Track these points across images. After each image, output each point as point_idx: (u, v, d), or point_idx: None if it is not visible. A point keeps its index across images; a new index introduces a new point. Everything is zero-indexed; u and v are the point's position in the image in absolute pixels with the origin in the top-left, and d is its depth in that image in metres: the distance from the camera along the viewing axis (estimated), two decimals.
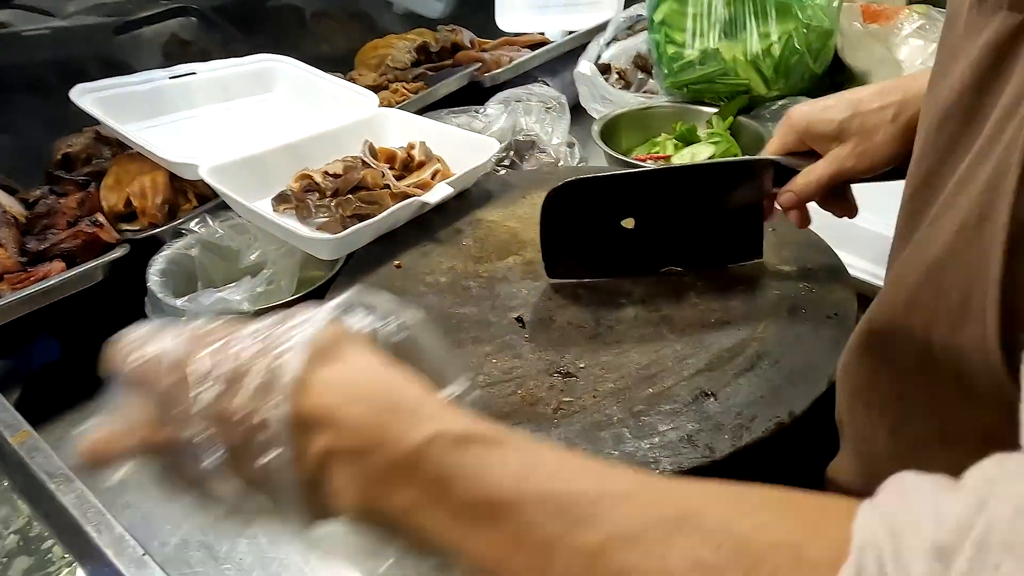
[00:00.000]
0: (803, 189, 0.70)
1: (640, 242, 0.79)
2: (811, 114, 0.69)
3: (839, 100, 0.68)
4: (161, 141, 0.99)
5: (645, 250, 0.79)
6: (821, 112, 0.68)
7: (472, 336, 0.75)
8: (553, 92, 1.24)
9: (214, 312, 0.79)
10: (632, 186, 0.77)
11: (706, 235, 0.78)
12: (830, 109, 0.68)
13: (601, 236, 0.79)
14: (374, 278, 0.84)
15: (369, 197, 0.90)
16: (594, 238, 0.79)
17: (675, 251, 0.80)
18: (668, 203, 0.76)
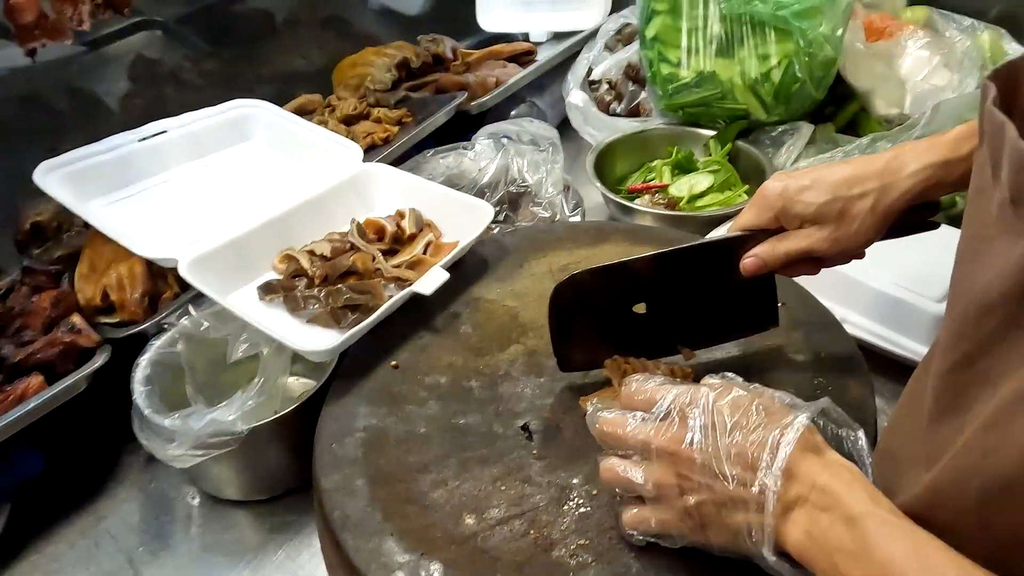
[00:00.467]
0: (769, 258, 0.70)
1: (653, 325, 0.76)
2: (788, 194, 0.68)
3: (816, 181, 0.68)
4: (135, 224, 0.94)
5: (659, 333, 0.76)
6: (799, 193, 0.68)
7: (478, 455, 0.72)
8: (545, 128, 1.18)
9: (206, 434, 0.75)
10: (638, 271, 0.73)
11: (718, 310, 0.76)
12: (808, 191, 0.67)
13: (612, 324, 0.75)
14: (372, 383, 0.80)
15: (361, 286, 0.86)
16: (605, 326, 0.75)
17: (689, 329, 0.77)
18: (677, 282, 0.74)
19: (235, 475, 0.83)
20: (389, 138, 1.28)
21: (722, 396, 0.53)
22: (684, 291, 0.74)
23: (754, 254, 0.70)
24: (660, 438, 0.53)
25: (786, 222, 0.69)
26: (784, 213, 0.69)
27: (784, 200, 0.68)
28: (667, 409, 0.54)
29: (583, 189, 1.24)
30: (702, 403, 0.53)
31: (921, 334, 0.91)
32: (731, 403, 0.52)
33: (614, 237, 1.00)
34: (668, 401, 0.54)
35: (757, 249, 0.70)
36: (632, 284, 0.73)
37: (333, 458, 0.72)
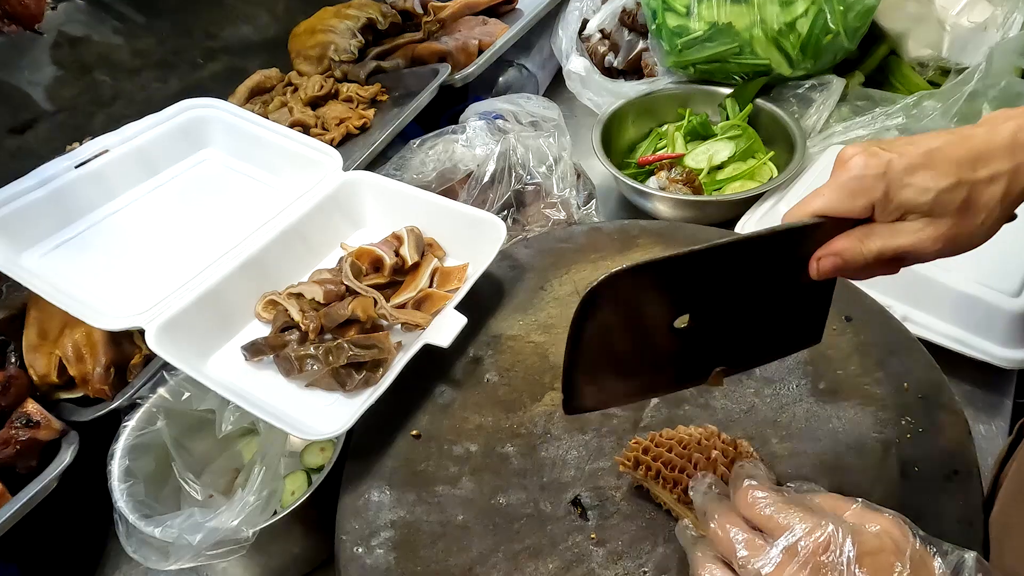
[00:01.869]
0: (855, 258, 0.51)
1: (691, 343, 0.57)
2: (893, 174, 0.49)
3: (933, 158, 0.49)
4: (83, 279, 0.79)
5: (695, 352, 0.58)
6: (909, 174, 0.49)
7: (529, 546, 0.62)
8: (544, 106, 1.04)
9: (209, 544, 0.64)
10: (690, 269, 0.53)
11: (763, 321, 0.58)
12: (922, 172, 0.49)
13: (646, 344, 0.56)
14: (392, 460, 0.69)
15: (366, 340, 0.73)
16: (637, 348, 0.56)
17: (729, 346, 0.59)
18: (729, 284, 0.55)
19: (244, 571, 0.73)
20: (366, 125, 1.13)
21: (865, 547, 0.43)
22: (734, 296, 0.56)
23: (835, 252, 0.52)
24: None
25: (882, 212, 0.50)
26: (884, 200, 0.50)
27: (887, 182, 0.49)
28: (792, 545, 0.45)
29: (585, 161, 1.11)
30: (842, 555, 0.42)
31: (995, 333, 0.81)
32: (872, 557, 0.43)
33: (641, 241, 0.88)
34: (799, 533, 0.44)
35: (839, 245, 0.51)
36: (679, 288, 0.54)
37: (361, 569, 0.61)
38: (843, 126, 1.03)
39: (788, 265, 0.54)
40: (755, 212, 0.99)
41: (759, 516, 0.47)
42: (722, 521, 0.49)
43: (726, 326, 0.57)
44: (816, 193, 0.52)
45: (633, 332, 0.55)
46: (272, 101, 1.24)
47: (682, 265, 0.52)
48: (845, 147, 0.52)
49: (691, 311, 0.55)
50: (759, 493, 0.48)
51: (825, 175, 0.99)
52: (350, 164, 1.00)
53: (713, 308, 0.55)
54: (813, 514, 0.45)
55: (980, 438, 0.80)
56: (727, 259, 0.53)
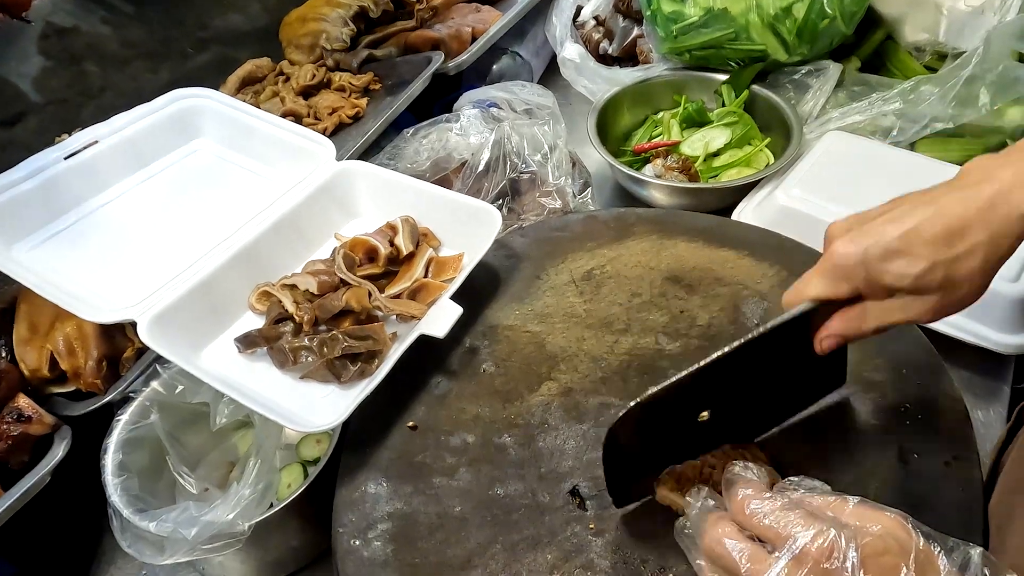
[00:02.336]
0: (854, 335, 0.56)
1: (715, 425, 0.61)
2: (871, 262, 0.51)
3: (907, 242, 0.50)
4: (74, 272, 0.78)
5: (721, 430, 0.62)
6: (885, 261, 0.51)
7: (527, 536, 0.62)
8: (539, 93, 1.03)
9: (204, 538, 0.63)
10: (701, 382, 0.57)
11: (785, 389, 0.63)
12: (898, 258, 0.50)
13: (673, 442, 0.60)
14: (388, 451, 0.68)
15: (360, 331, 0.73)
16: (665, 447, 0.61)
17: (755, 418, 0.64)
18: (742, 377, 0.59)
19: (241, 564, 0.72)
20: (359, 114, 1.11)
21: (872, 553, 0.42)
22: (751, 384, 0.60)
23: (836, 333, 0.56)
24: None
25: (869, 293, 0.54)
26: (868, 284, 0.53)
27: (867, 270, 0.52)
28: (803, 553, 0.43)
29: (581, 149, 1.10)
30: (852, 558, 0.42)
31: (993, 319, 0.81)
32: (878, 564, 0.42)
33: (638, 229, 0.87)
34: (802, 542, 0.43)
35: (838, 328, 0.56)
36: (694, 395, 0.58)
37: (358, 562, 0.61)
38: (840, 112, 1.03)
39: (795, 346, 0.58)
40: (752, 199, 0.99)
41: (758, 526, 0.46)
42: (720, 534, 0.48)
43: (747, 407, 0.61)
44: (808, 277, 0.56)
45: (657, 442, 0.59)
46: (264, 91, 1.23)
47: (694, 381, 0.56)
48: (831, 224, 0.55)
49: (711, 408, 0.59)
50: (755, 503, 0.47)
51: (822, 162, 0.99)
52: (343, 154, 0.99)
53: (732, 399, 0.59)
54: (814, 519, 0.44)
55: (978, 424, 0.79)
56: (737, 361, 0.56)
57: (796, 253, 0.82)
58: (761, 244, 0.84)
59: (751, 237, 0.85)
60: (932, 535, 0.44)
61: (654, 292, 0.80)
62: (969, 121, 0.98)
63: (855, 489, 0.60)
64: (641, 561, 0.59)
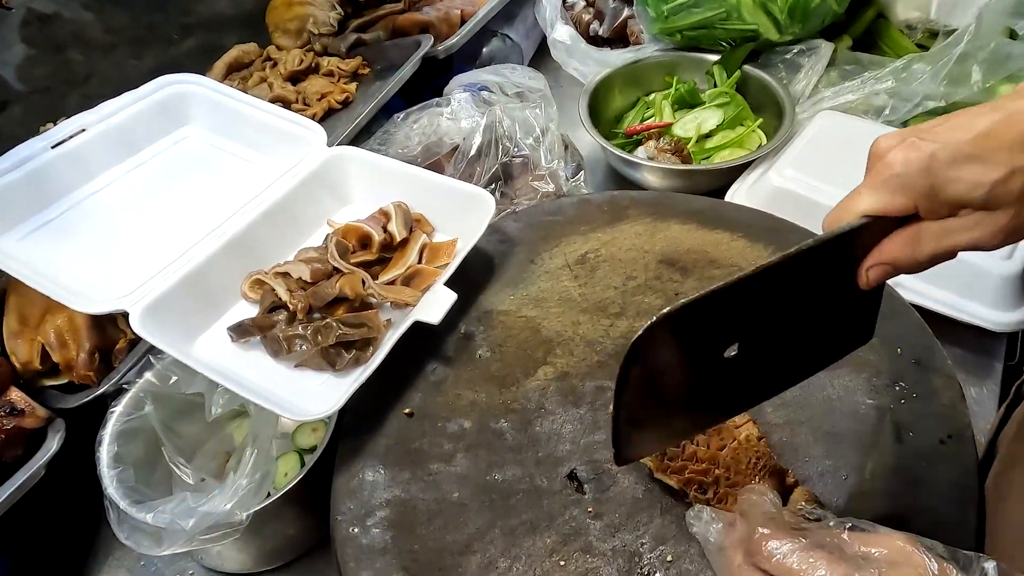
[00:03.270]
0: (908, 264, 0.47)
1: (740, 372, 0.53)
2: (937, 168, 0.44)
3: (982, 146, 0.43)
4: (63, 262, 0.77)
5: (746, 377, 0.54)
6: (955, 166, 0.43)
7: (525, 520, 0.62)
8: (530, 76, 1.02)
9: (202, 528, 0.63)
10: (735, 299, 0.49)
11: (814, 331, 0.54)
12: (971, 163, 0.43)
13: (695, 380, 0.52)
14: (385, 439, 0.68)
15: (355, 318, 0.72)
16: (686, 387, 0.52)
17: (781, 366, 0.56)
18: (777, 305, 0.51)
19: (239, 553, 0.72)
20: (348, 99, 1.10)
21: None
22: (783, 315, 0.52)
23: (885, 261, 0.47)
24: None
25: (930, 209, 0.45)
26: (931, 197, 0.44)
27: (932, 178, 0.44)
28: None
29: (572, 132, 1.09)
30: None
31: (986, 296, 0.81)
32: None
33: (632, 212, 0.87)
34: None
35: (889, 253, 0.47)
36: (726, 319, 0.50)
37: (357, 549, 0.61)
38: (832, 91, 1.02)
39: (836, 273, 0.50)
40: (745, 180, 0.98)
41: (778, 568, 0.44)
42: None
43: (776, 346, 0.53)
44: (856, 192, 0.48)
45: (681, 374, 0.51)
46: (251, 77, 1.22)
47: (727, 296, 0.48)
48: (879, 138, 0.47)
49: (740, 339, 0.51)
50: (774, 543, 0.45)
51: (814, 142, 0.99)
52: (334, 139, 0.98)
53: (762, 331, 0.52)
54: (836, 562, 0.42)
55: (972, 401, 0.80)
56: (774, 280, 0.49)
57: (790, 234, 0.82)
58: (755, 225, 0.84)
59: (745, 218, 0.85)
60: (944, 554, 0.42)
61: (648, 275, 0.80)
62: (961, 99, 0.97)
63: (852, 469, 0.62)
64: (639, 543, 0.60)
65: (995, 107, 0.44)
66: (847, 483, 0.61)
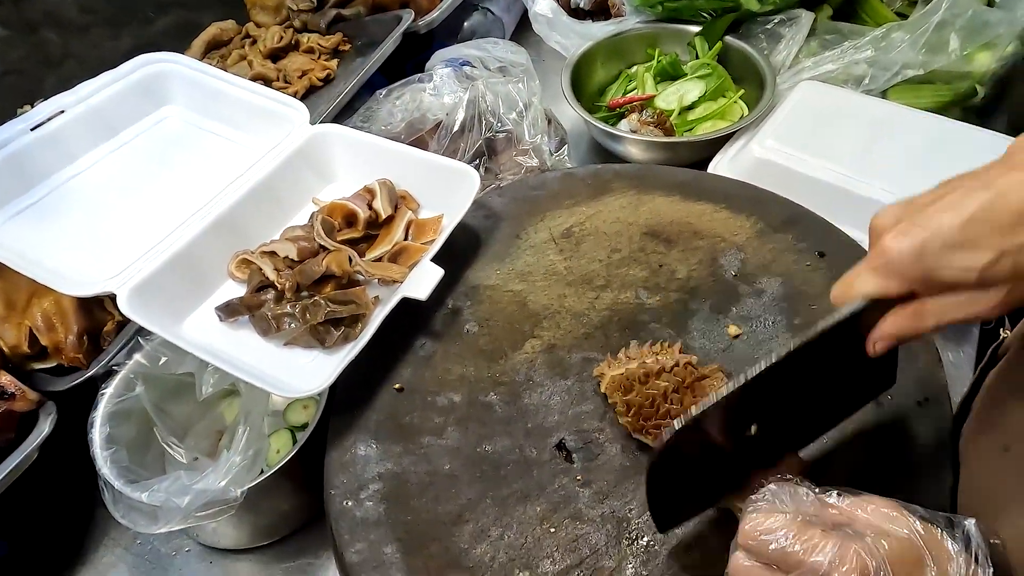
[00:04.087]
0: (911, 336, 0.49)
1: (762, 439, 0.56)
2: (929, 257, 0.45)
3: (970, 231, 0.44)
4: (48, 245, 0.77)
5: (768, 444, 0.57)
6: (946, 255, 0.45)
7: (516, 490, 0.63)
8: (512, 50, 1.02)
9: (197, 506, 0.64)
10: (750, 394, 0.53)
11: (833, 395, 0.58)
12: (961, 249, 0.44)
13: (719, 461, 0.56)
14: (376, 414, 0.69)
15: (343, 295, 0.73)
16: (712, 467, 0.56)
17: (802, 428, 0.59)
18: (792, 385, 0.55)
19: (234, 529, 0.73)
20: (330, 76, 1.10)
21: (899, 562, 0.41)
22: (801, 393, 0.56)
23: (890, 335, 0.50)
24: None
25: (926, 290, 0.48)
26: (926, 281, 0.47)
27: (924, 265, 0.46)
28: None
29: (555, 106, 1.09)
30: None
31: None
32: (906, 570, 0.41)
33: (616, 185, 0.87)
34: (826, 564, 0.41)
35: (892, 328, 0.49)
36: (745, 410, 0.54)
37: (351, 522, 0.62)
38: (812, 61, 1.03)
39: (847, 348, 0.53)
40: (727, 152, 0.99)
41: (771, 554, 0.44)
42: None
43: (797, 416, 0.57)
44: (857, 272, 0.50)
45: (705, 461, 0.55)
46: (230, 55, 1.20)
47: (745, 393, 0.51)
48: (877, 215, 0.49)
49: (759, 420, 0.54)
50: (766, 528, 0.44)
51: (795, 112, 1.00)
52: (316, 117, 0.98)
53: (782, 409, 0.55)
54: (828, 536, 0.42)
55: (949, 365, 0.82)
56: (789, 367, 0.51)
57: (772, 204, 0.83)
58: (737, 196, 0.85)
59: (727, 189, 0.86)
60: (926, 516, 0.43)
61: (633, 247, 0.81)
62: (939, 67, 0.98)
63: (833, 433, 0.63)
64: (627, 509, 0.61)
65: (986, 183, 0.45)
66: (828, 447, 0.63)
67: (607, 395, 0.66)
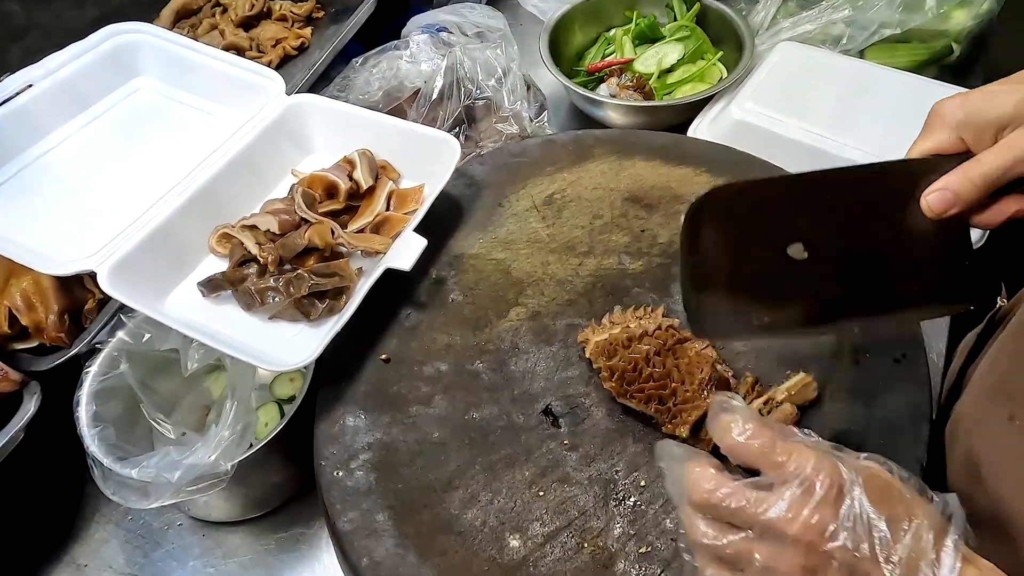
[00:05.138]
0: (961, 188, 0.50)
1: (811, 278, 0.54)
2: (970, 103, 0.51)
3: (1005, 83, 0.51)
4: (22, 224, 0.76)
5: (819, 290, 0.55)
6: (984, 99, 0.51)
7: (504, 455, 0.64)
8: (489, 15, 1.00)
9: (188, 480, 0.64)
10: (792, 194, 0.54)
11: (899, 268, 0.55)
12: (996, 95, 0.50)
13: (762, 270, 0.54)
14: (364, 385, 0.69)
15: (326, 268, 0.73)
16: (753, 273, 0.55)
17: (864, 290, 0.55)
18: (843, 220, 0.54)
19: (225, 502, 0.74)
20: (304, 45, 1.08)
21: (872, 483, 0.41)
22: (851, 232, 0.54)
23: (941, 186, 0.50)
24: (798, 524, 0.40)
25: (974, 136, 0.51)
26: (967, 125, 0.51)
27: (966, 111, 0.51)
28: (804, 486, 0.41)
29: (534, 71, 1.08)
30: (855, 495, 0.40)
31: None
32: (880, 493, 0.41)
33: (597, 151, 0.87)
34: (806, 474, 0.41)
35: (944, 179, 0.50)
36: (785, 213, 0.53)
37: (343, 491, 0.63)
38: (790, 21, 1.03)
39: (904, 206, 0.52)
40: (706, 115, 0.99)
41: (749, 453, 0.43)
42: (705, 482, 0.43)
43: (849, 264, 0.55)
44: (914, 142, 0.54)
45: (744, 249, 0.54)
46: (201, 24, 1.18)
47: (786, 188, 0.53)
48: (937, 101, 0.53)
49: (804, 241, 0.53)
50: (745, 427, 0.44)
51: (774, 74, 1.00)
52: (292, 87, 0.96)
53: (829, 241, 0.54)
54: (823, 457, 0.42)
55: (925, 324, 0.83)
56: (834, 189, 0.53)
57: (752, 167, 0.84)
58: (717, 159, 0.85)
59: (707, 153, 0.86)
60: (904, 475, 0.43)
61: (615, 213, 0.81)
62: (916, 26, 0.99)
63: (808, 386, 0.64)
64: (614, 471, 0.63)
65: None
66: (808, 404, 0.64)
67: (592, 360, 0.67)
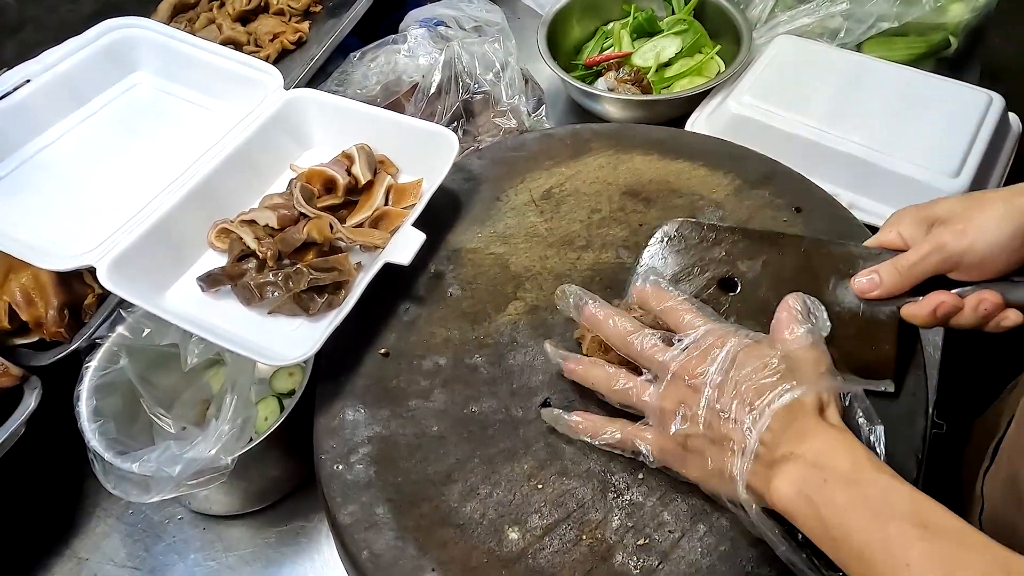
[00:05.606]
0: (888, 274, 0.59)
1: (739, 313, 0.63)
2: (917, 206, 0.61)
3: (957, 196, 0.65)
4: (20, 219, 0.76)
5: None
6: (931, 204, 0.61)
7: (503, 449, 0.65)
8: (487, 9, 1.00)
9: (189, 474, 0.65)
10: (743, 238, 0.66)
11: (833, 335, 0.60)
12: (941, 201, 0.60)
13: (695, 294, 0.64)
14: (363, 379, 0.70)
15: (325, 263, 0.73)
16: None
17: None
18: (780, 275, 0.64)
19: (225, 496, 0.74)
20: (302, 39, 1.08)
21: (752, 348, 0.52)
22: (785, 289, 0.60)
23: (869, 272, 0.60)
24: (680, 364, 0.53)
25: (911, 237, 0.60)
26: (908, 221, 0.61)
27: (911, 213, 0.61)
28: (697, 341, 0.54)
29: (532, 65, 1.08)
30: (731, 345, 0.52)
31: None
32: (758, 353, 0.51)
33: (595, 145, 0.87)
34: (700, 334, 0.54)
35: (875, 266, 0.60)
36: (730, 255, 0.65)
37: (343, 485, 0.63)
38: (788, 15, 1.03)
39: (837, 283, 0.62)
40: (704, 108, 0.99)
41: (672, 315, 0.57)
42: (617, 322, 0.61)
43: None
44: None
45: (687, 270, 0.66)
46: (198, 18, 1.18)
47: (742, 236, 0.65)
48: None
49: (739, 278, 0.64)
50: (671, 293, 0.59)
51: (772, 67, 1.00)
52: (290, 82, 0.96)
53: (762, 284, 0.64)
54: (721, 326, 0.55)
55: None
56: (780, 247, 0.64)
57: (749, 161, 0.84)
58: (715, 153, 0.85)
59: (705, 147, 0.87)
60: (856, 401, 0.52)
61: (613, 207, 0.81)
62: (913, 19, 0.99)
63: None
64: (612, 464, 0.63)
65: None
66: None
67: (588, 355, 0.67)
